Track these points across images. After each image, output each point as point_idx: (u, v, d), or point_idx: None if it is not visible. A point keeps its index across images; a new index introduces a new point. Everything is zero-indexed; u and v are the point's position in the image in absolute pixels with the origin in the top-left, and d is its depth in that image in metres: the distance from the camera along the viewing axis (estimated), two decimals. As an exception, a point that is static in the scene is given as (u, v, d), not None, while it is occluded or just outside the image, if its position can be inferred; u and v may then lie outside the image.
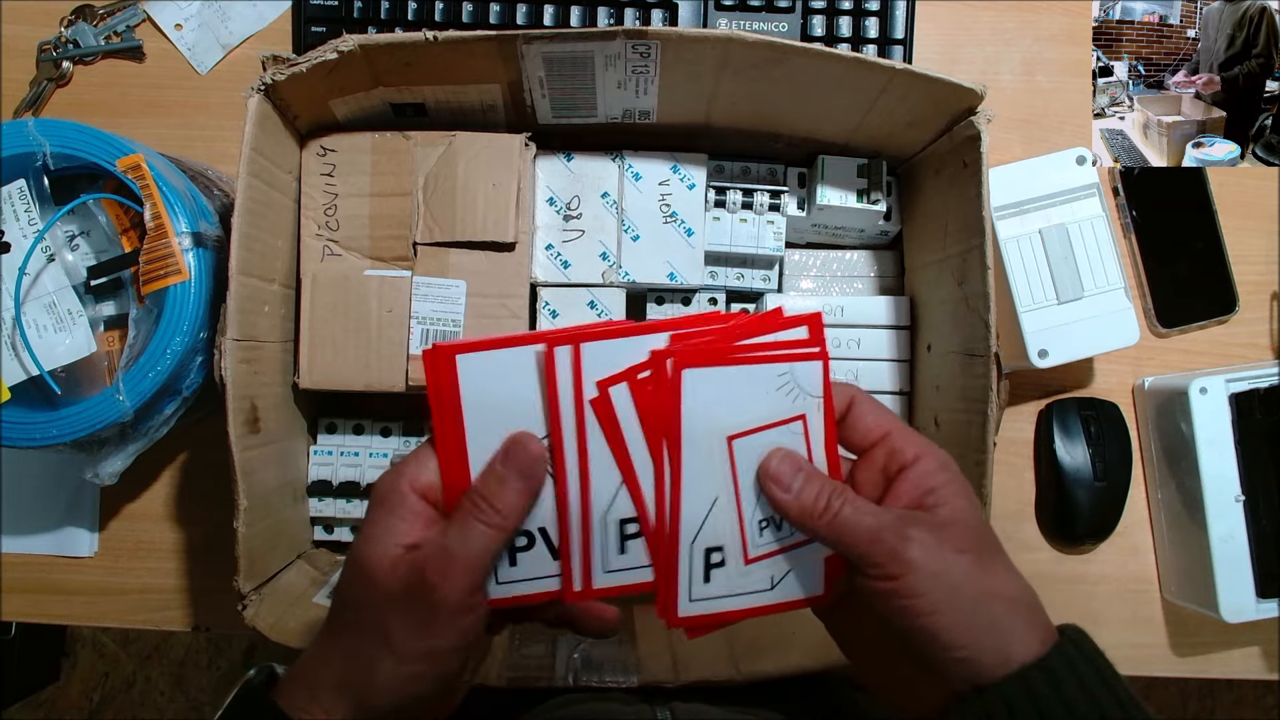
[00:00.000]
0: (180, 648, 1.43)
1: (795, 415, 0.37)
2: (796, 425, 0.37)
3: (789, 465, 0.36)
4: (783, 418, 0.37)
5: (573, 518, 0.36)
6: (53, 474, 0.66)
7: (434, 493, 0.36)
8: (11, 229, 0.54)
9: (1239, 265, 0.67)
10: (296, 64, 0.49)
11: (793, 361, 0.36)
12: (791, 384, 0.37)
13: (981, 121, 0.50)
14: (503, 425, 0.36)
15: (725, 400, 0.36)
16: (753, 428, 0.36)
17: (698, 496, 0.36)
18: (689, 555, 0.37)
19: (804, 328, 0.37)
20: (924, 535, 0.34)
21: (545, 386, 0.35)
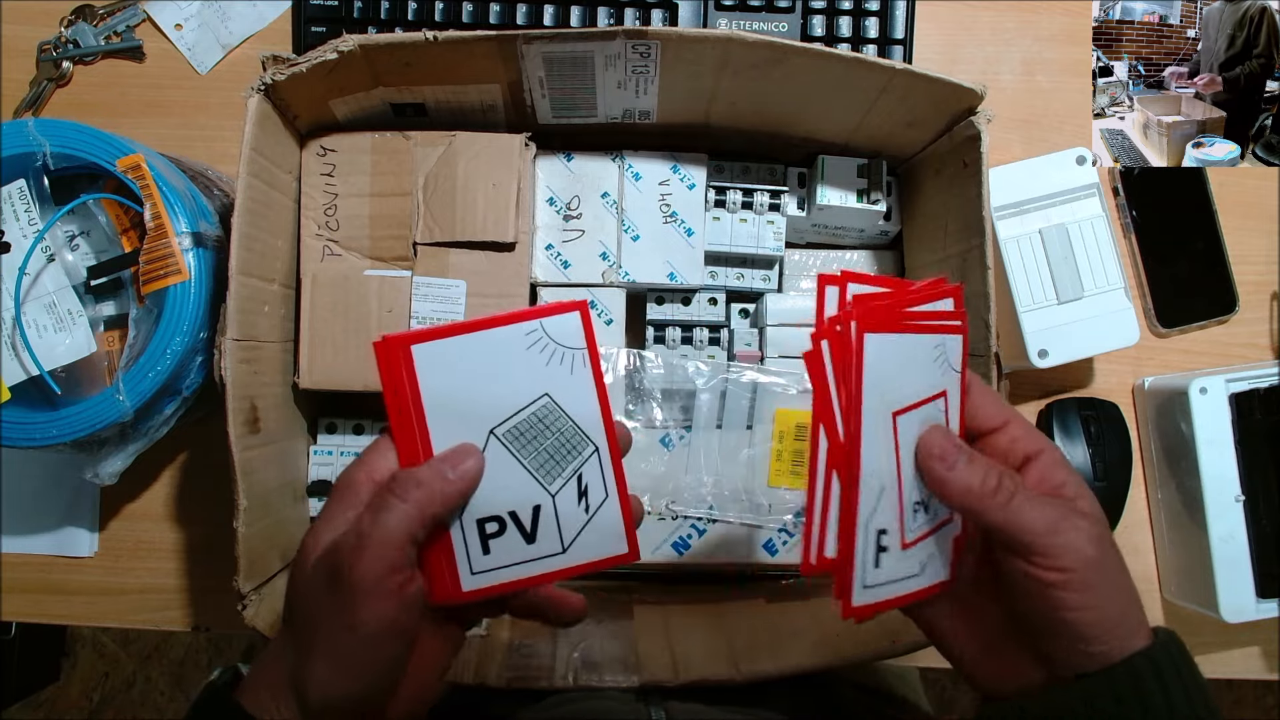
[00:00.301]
0: (180, 648, 1.43)
1: (940, 391, 0.35)
2: (941, 402, 0.35)
3: (952, 443, 0.35)
4: (934, 392, 0.35)
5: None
6: (53, 474, 0.66)
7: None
8: (11, 229, 0.54)
9: (1239, 265, 0.67)
10: (296, 64, 0.49)
11: (945, 333, 0.35)
12: (943, 357, 0.35)
13: (981, 121, 0.50)
14: (468, 412, 0.36)
15: (894, 371, 0.34)
16: (913, 402, 0.34)
17: (872, 476, 0.34)
18: (864, 539, 0.34)
19: (950, 300, 0.35)
20: (1087, 528, 0.34)
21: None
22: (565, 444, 0.38)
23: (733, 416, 0.59)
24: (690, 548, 0.60)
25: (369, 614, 0.33)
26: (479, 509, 0.36)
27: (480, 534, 0.36)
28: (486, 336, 0.36)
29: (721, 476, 0.59)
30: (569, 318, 0.37)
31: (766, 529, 0.60)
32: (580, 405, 0.38)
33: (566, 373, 0.37)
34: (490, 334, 0.36)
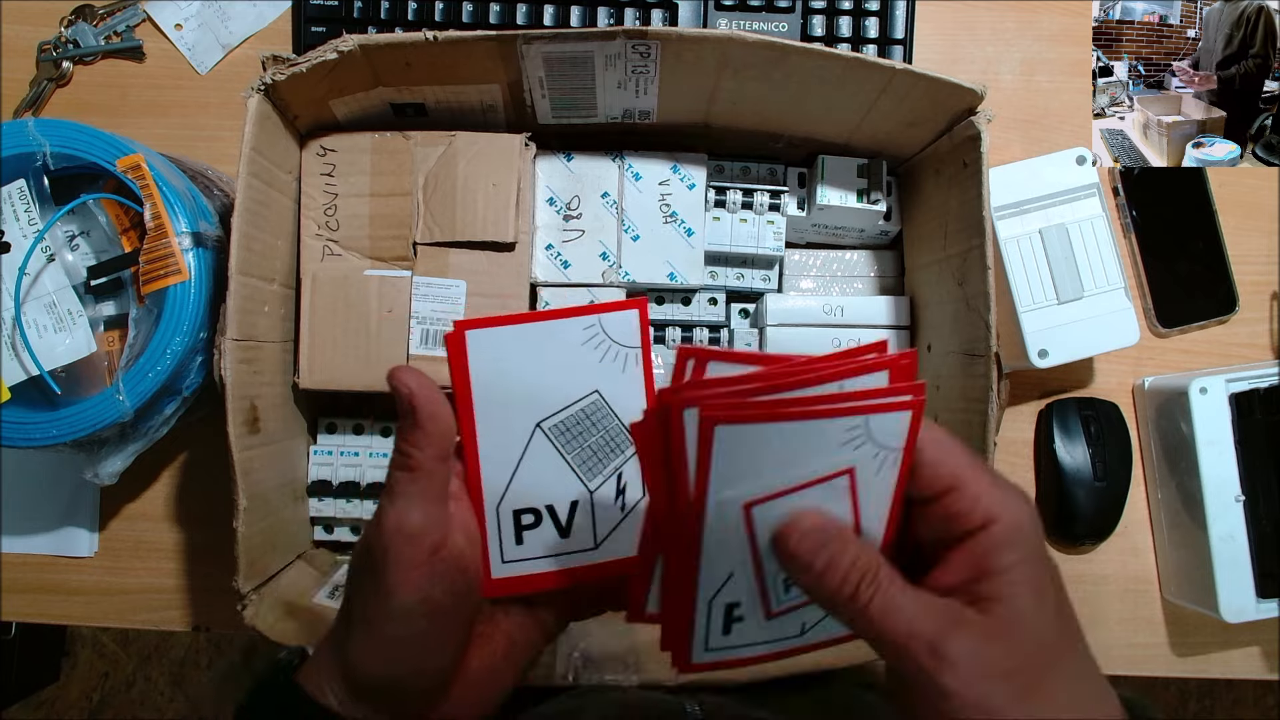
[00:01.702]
0: (180, 648, 1.43)
1: (842, 469, 0.30)
2: (841, 480, 0.30)
3: (810, 542, 0.29)
4: (825, 474, 0.29)
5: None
6: (53, 474, 0.66)
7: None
8: (11, 229, 0.54)
9: (1239, 265, 0.67)
10: (296, 64, 0.49)
11: (866, 413, 0.29)
12: (861, 436, 0.29)
13: (981, 121, 0.50)
14: (516, 403, 0.36)
15: (752, 461, 0.28)
16: (781, 489, 0.29)
17: (717, 561, 0.30)
18: (706, 611, 0.32)
19: (883, 373, 0.29)
20: (966, 648, 0.27)
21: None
22: (610, 441, 0.38)
23: None
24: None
25: (394, 583, 0.33)
26: (517, 500, 0.37)
27: (515, 525, 0.36)
28: (543, 328, 0.36)
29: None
30: (628, 315, 0.37)
31: None
32: (628, 404, 0.38)
33: (618, 370, 0.37)
34: (547, 325, 0.36)
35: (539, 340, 0.36)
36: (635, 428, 0.29)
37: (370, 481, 0.60)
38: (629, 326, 0.37)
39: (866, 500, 0.31)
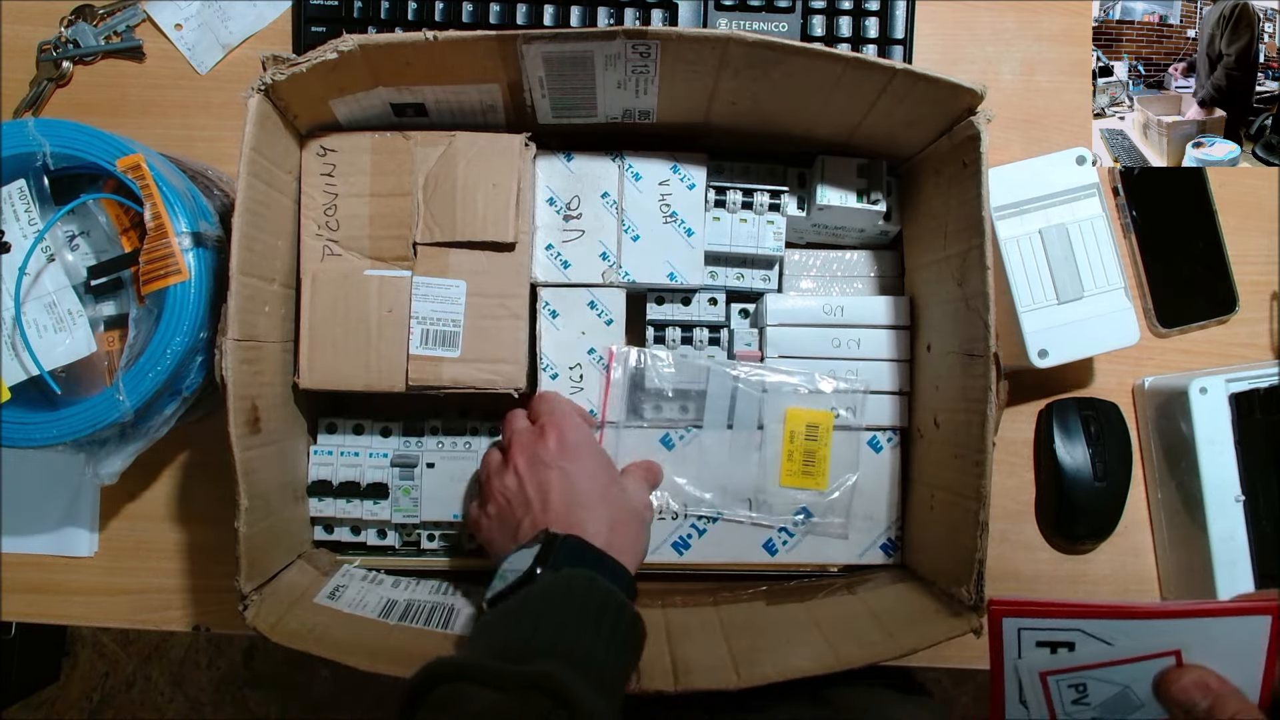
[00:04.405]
0: (180, 648, 1.43)
1: (1165, 651, 0.41)
2: (1163, 660, 0.41)
3: (1193, 692, 0.40)
4: (1132, 656, 0.41)
5: None
6: (53, 474, 0.66)
7: None
8: (11, 229, 0.54)
9: (1239, 265, 0.67)
10: (296, 64, 0.49)
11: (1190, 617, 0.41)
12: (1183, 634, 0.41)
13: (981, 121, 0.50)
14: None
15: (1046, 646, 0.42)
16: (1078, 665, 0.42)
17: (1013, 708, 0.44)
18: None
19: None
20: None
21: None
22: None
23: (744, 416, 0.59)
24: (690, 548, 0.60)
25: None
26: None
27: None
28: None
29: (730, 476, 0.59)
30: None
31: (768, 528, 0.60)
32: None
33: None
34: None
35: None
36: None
37: (370, 481, 0.60)
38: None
39: (1225, 670, 0.40)
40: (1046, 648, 0.41)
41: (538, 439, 0.52)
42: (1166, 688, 0.40)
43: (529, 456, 0.52)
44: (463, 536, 0.62)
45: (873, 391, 0.60)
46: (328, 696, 1.41)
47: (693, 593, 0.61)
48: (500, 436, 0.57)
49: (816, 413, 0.59)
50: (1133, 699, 0.42)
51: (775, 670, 0.49)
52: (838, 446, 0.59)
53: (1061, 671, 0.42)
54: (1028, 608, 0.41)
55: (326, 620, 0.53)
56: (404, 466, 0.60)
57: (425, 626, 0.54)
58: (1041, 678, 0.42)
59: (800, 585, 0.61)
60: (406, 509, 0.60)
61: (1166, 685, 0.40)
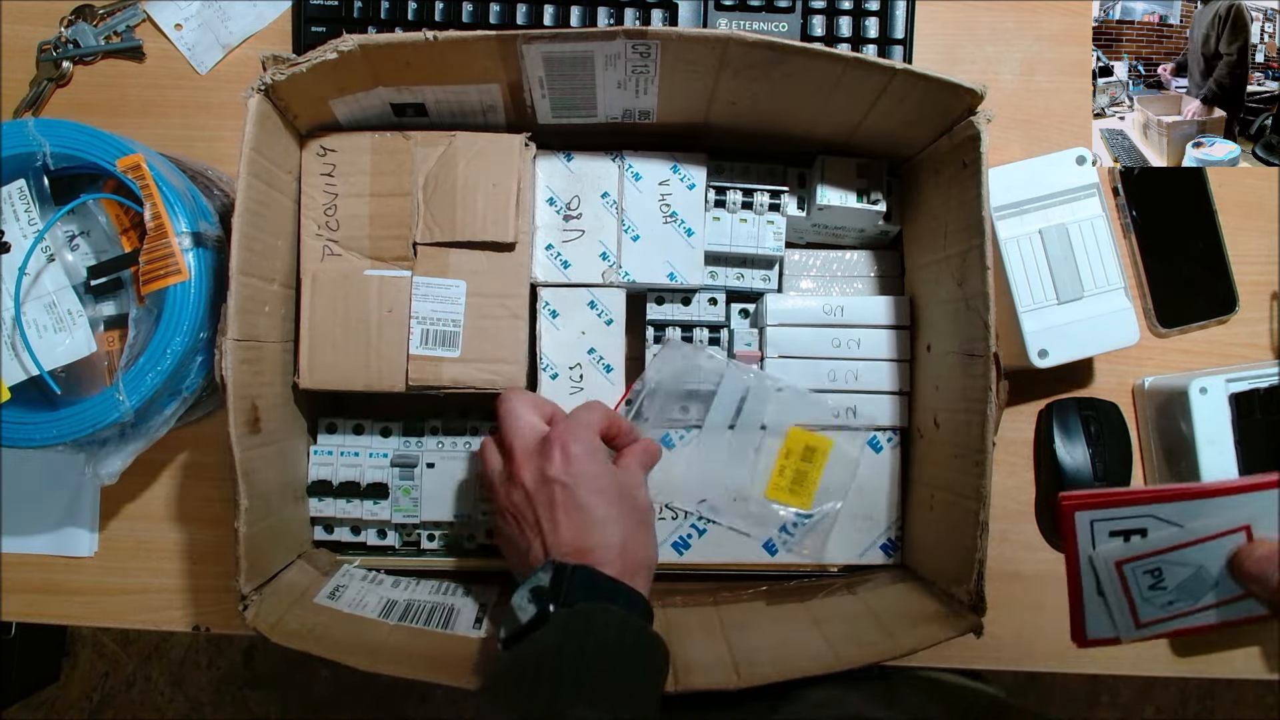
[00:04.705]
0: (180, 648, 1.43)
1: (1236, 528, 0.42)
2: (1234, 537, 0.42)
3: (1264, 565, 0.42)
4: (1206, 535, 0.42)
5: None
6: (53, 474, 0.66)
7: None
8: (11, 229, 0.54)
9: (1239, 265, 0.67)
10: (296, 64, 0.49)
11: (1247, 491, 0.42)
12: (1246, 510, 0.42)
13: (981, 121, 0.50)
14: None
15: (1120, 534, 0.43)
16: (1153, 550, 0.43)
17: (1091, 598, 0.46)
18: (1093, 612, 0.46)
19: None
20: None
21: None
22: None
23: (749, 419, 0.59)
24: (690, 548, 0.60)
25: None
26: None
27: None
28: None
29: (724, 478, 0.59)
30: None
31: (755, 536, 0.60)
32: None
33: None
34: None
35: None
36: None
37: (370, 481, 0.60)
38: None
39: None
40: (1120, 537, 0.42)
41: (543, 451, 0.51)
42: (1240, 563, 0.41)
43: (535, 470, 0.51)
44: (463, 536, 0.62)
45: (873, 392, 0.60)
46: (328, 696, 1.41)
47: (693, 593, 0.61)
48: (499, 425, 0.54)
49: (817, 437, 0.58)
50: (1207, 578, 0.43)
51: (775, 670, 0.49)
52: (831, 472, 0.59)
53: (1136, 559, 0.42)
54: (1099, 499, 0.42)
55: (326, 620, 0.53)
56: (404, 466, 0.60)
57: (425, 626, 0.55)
58: (1117, 567, 0.43)
59: (800, 585, 0.61)
60: (406, 509, 0.60)
61: (1239, 561, 0.41)
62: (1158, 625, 0.45)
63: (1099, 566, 0.44)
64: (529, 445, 0.52)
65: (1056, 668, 0.65)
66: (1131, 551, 0.43)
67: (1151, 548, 0.43)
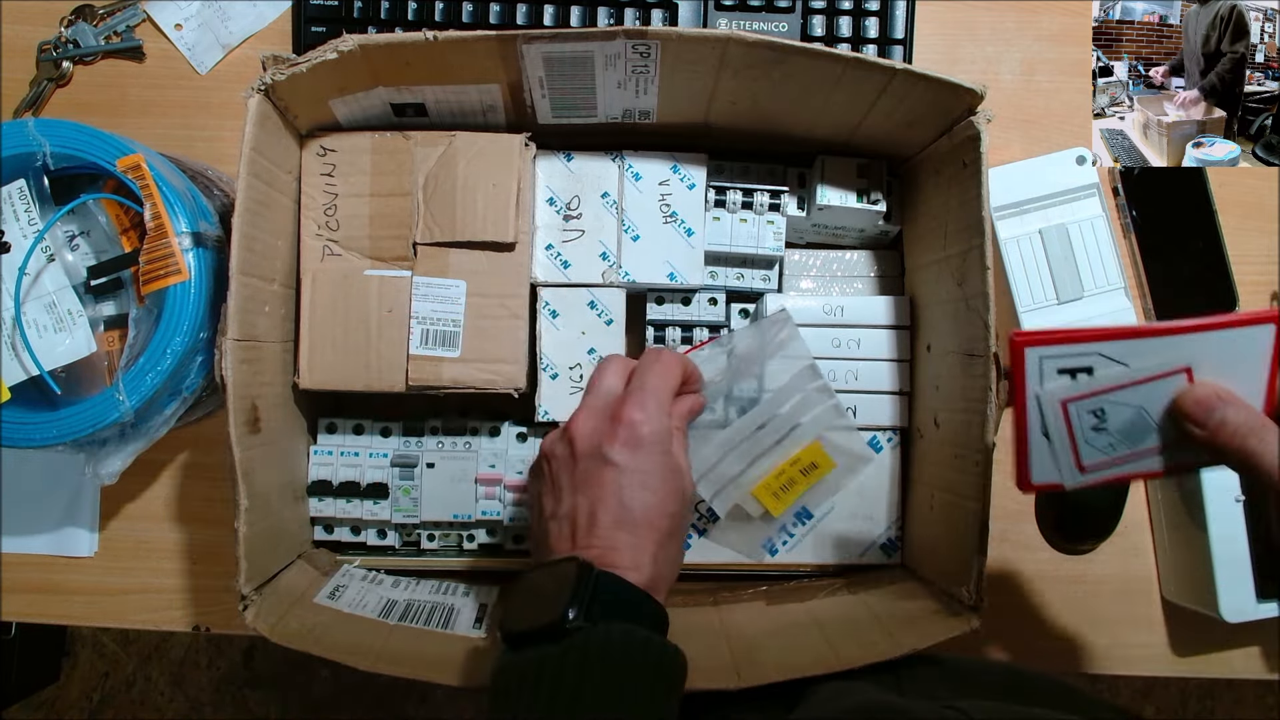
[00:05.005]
0: (180, 648, 1.43)
1: (1176, 369, 0.41)
2: (1175, 379, 0.41)
3: (1202, 408, 0.40)
4: (1149, 375, 0.41)
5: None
6: (53, 474, 0.66)
7: None
8: (11, 229, 0.54)
9: (1239, 265, 0.67)
10: (296, 64, 0.49)
11: (1195, 331, 0.40)
12: (1192, 347, 0.40)
13: (981, 121, 0.50)
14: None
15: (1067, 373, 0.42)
16: (1099, 389, 0.42)
17: (1038, 439, 0.44)
18: (1036, 457, 0.44)
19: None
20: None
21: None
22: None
23: (790, 415, 0.58)
24: (690, 548, 0.60)
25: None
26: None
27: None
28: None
29: (730, 458, 0.58)
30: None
31: (719, 526, 0.60)
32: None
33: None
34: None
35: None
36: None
37: (370, 481, 0.60)
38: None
39: (1231, 382, 0.40)
40: (1067, 374, 0.42)
41: (609, 420, 0.47)
42: (1179, 405, 0.41)
43: (592, 438, 0.47)
44: (463, 536, 0.62)
45: (872, 392, 0.60)
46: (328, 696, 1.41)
47: (693, 593, 0.61)
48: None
49: (828, 457, 0.58)
50: (1148, 420, 0.42)
51: (775, 670, 0.49)
52: (813, 491, 0.58)
53: (1081, 397, 0.42)
54: (1049, 336, 0.41)
55: (326, 620, 0.53)
56: (404, 466, 0.60)
57: (425, 626, 0.55)
58: (1063, 406, 0.42)
59: (800, 585, 0.61)
60: (406, 509, 0.60)
61: (1179, 403, 0.41)
62: (1100, 471, 0.44)
63: (1045, 405, 0.43)
64: (596, 407, 0.48)
65: (1057, 668, 0.65)
66: (1077, 390, 0.42)
67: (1096, 386, 0.42)
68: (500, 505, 0.60)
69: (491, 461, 0.60)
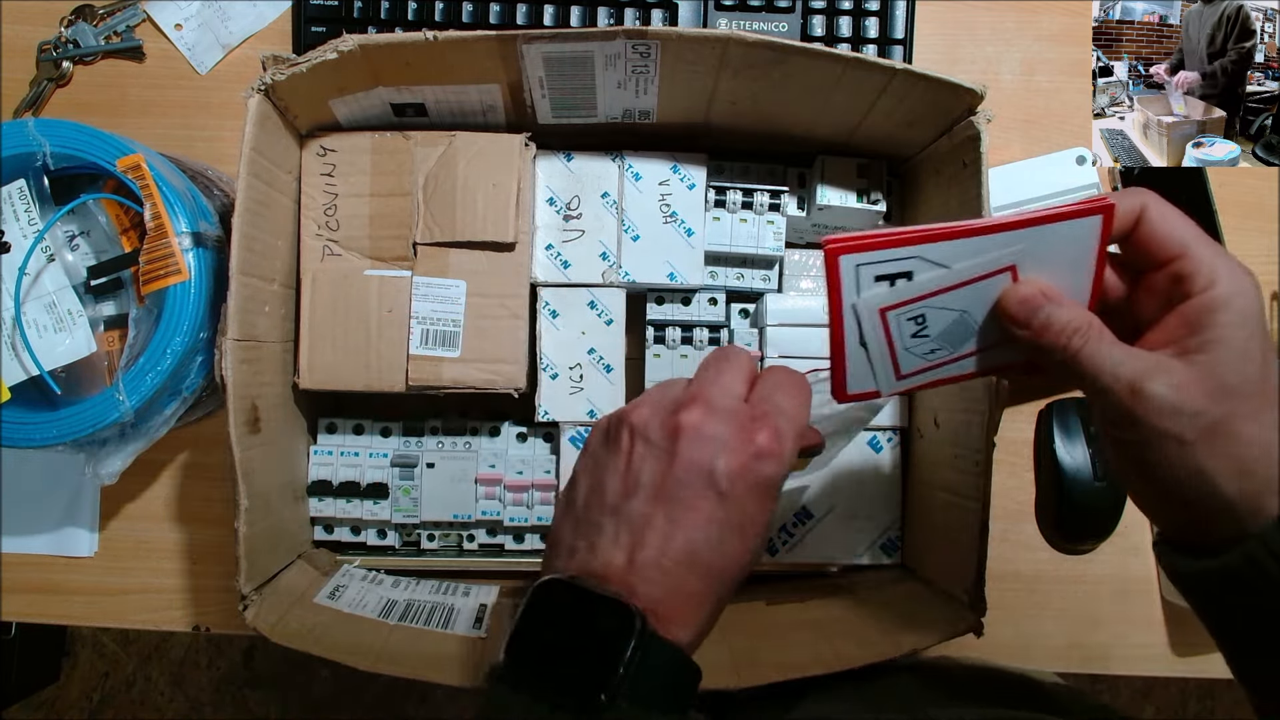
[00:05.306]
0: (180, 648, 1.43)
1: (1001, 268, 0.38)
2: (1000, 278, 0.38)
3: (1026, 307, 0.37)
4: (971, 277, 0.38)
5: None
6: (53, 474, 0.66)
7: None
8: (11, 229, 0.54)
9: (1239, 265, 0.67)
10: (296, 64, 0.49)
11: (1017, 228, 0.37)
12: (1016, 247, 0.37)
13: (981, 121, 0.50)
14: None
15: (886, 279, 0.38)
16: (920, 295, 0.39)
17: (854, 349, 0.41)
18: (852, 369, 0.42)
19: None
20: (1160, 389, 0.33)
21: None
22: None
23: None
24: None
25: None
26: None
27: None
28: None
29: None
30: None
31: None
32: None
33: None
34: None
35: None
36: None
37: (370, 481, 0.60)
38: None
39: (1056, 280, 0.38)
40: (885, 281, 0.38)
41: (738, 435, 0.38)
42: (1003, 306, 0.38)
43: (705, 450, 0.37)
44: (463, 536, 0.62)
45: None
46: (328, 696, 1.41)
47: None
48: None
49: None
50: (970, 323, 0.39)
51: (775, 670, 0.49)
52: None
53: (901, 305, 0.39)
54: (864, 241, 0.37)
55: (326, 620, 0.53)
56: (404, 466, 0.60)
57: (425, 626, 0.55)
58: (881, 315, 0.39)
59: (800, 585, 0.61)
60: (406, 509, 0.60)
61: (1002, 303, 0.38)
62: (918, 376, 0.41)
63: (863, 315, 0.39)
64: (719, 407, 0.38)
65: (1056, 668, 0.65)
66: (896, 297, 0.39)
67: (917, 292, 0.38)
68: (500, 505, 0.60)
69: (491, 461, 0.60)
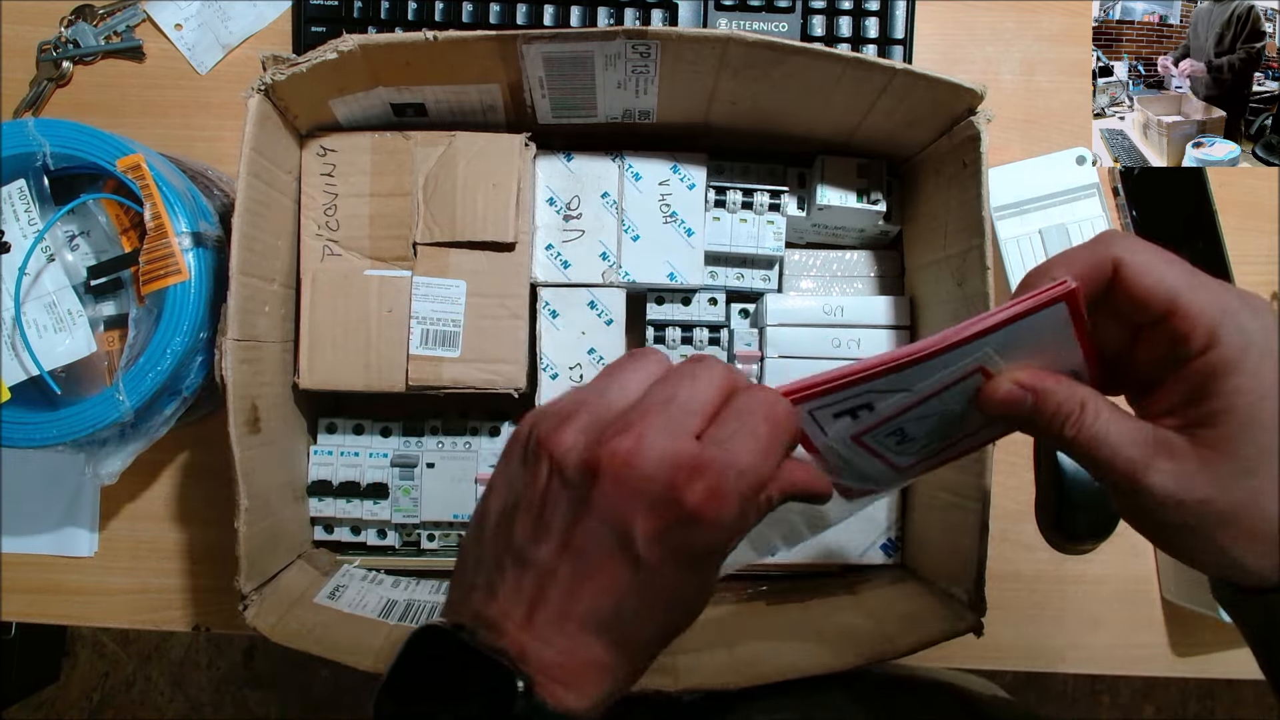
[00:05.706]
0: (180, 648, 1.43)
1: (970, 371, 0.35)
2: (973, 379, 0.35)
3: (1010, 404, 0.34)
4: (941, 386, 0.35)
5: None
6: (53, 474, 0.66)
7: None
8: (11, 229, 0.54)
9: (1239, 265, 0.67)
10: (296, 64, 0.49)
11: (982, 336, 0.34)
12: (982, 353, 0.35)
13: (981, 121, 0.50)
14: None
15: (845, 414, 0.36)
16: (889, 415, 0.36)
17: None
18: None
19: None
20: (1163, 478, 0.31)
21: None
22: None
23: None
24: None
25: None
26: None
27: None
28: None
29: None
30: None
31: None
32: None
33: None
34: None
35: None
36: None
37: (370, 481, 0.60)
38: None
39: (1044, 361, 0.35)
40: (846, 415, 0.36)
41: (671, 488, 0.30)
42: (987, 405, 0.35)
43: (627, 502, 0.30)
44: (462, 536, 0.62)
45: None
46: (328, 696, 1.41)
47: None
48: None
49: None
50: (955, 417, 0.37)
51: (775, 670, 0.49)
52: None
53: (871, 428, 0.37)
54: (808, 390, 0.35)
55: (326, 620, 0.53)
56: (404, 466, 0.60)
57: (425, 626, 0.54)
58: (856, 440, 0.38)
59: (800, 585, 0.61)
60: (406, 509, 0.60)
61: (985, 404, 0.35)
62: (919, 466, 0.40)
63: (839, 447, 0.38)
64: (666, 442, 0.31)
65: (1056, 668, 0.65)
66: (863, 424, 0.37)
67: (884, 415, 0.36)
68: (500, 505, 0.60)
69: (491, 461, 0.60)
